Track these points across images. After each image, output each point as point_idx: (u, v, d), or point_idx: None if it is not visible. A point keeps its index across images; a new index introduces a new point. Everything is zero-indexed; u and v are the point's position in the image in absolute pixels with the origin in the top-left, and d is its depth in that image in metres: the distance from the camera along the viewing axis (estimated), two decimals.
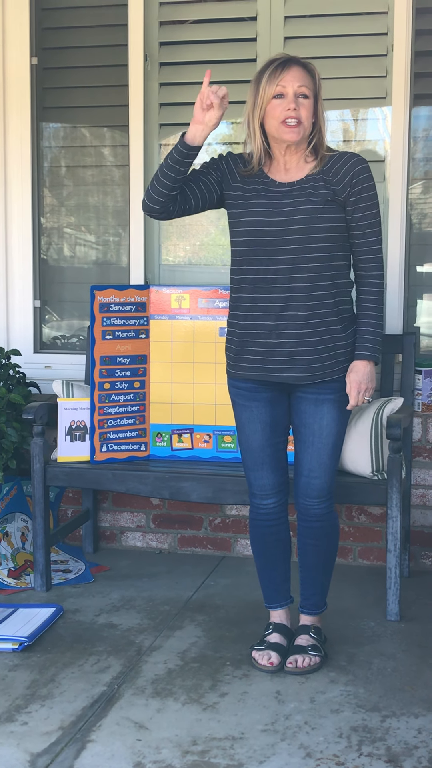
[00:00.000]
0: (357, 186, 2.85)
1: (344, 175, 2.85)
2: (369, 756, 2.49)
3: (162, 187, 2.86)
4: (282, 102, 2.80)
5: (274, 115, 2.81)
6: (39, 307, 4.36)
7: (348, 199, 2.86)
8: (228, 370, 3.04)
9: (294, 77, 2.79)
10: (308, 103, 2.81)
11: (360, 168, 2.86)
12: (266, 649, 3.03)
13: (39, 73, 4.27)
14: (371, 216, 2.89)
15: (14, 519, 3.98)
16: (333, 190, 2.85)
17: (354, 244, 2.92)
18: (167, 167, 2.84)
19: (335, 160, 2.88)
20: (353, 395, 2.90)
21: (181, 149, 2.81)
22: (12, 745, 2.56)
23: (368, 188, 2.88)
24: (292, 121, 2.79)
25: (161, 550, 4.23)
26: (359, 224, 2.89)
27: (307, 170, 2.89)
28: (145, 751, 2.52)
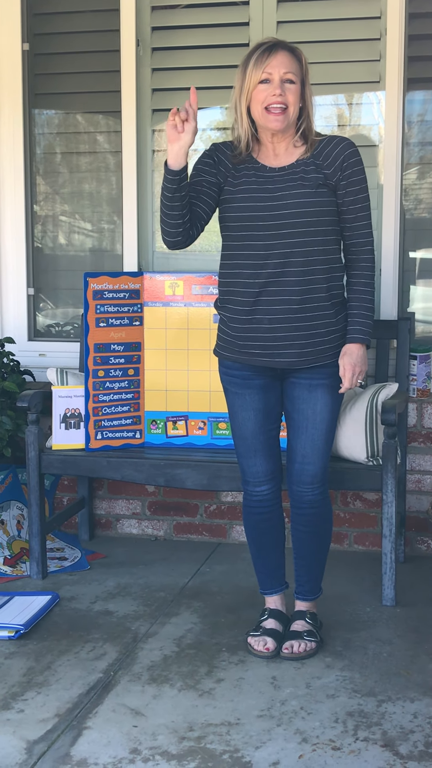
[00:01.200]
0: (348, 170, 2.85)
1: (335, 159, 2.84)
2: (365, 740, 2.50)
3: (173, 219, 2.85)
4: (268, 87, 2.78)
5: (260, 100, 2.79)
6: (33, 294, 4.34)
7: (339, 182, 2.85)
8: (218, 351, 3.02)
9: (280, 62, 2.77)
10: (294, 88, 2.80)
11: (350, 152, 2.86)
12: (262, 635, 3.03)
13: (31, 59, 4.24)
14: (362, 200, 2.89)
15: (10, 507, 3.98)
16: (324, 174, 2.84)
17: (345, 228, 2.91)
18: (168, 200, 2.82)
19: (325, 144, 2.87)
20: (348, 377, 2.90)
21: (170, 177, 2.79)
22: (8, 732, 2.56)
23: (358, 172, 2.87)
24: (276, 107, 2.77)
25: (157, 537, 4.23)
26: (350, 208, 2.88)
27: (297, 155, 2.88)
28: (142, 738, 2.53)
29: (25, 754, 2.46)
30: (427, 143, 4.01)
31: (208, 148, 2.97)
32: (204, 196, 2.91)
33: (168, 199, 2.82)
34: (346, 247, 2.95)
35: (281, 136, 2.85)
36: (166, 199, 2.83)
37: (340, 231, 2.92)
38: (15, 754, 2.46)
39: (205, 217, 2.94)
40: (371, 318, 2.94)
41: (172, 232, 2.88)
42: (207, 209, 2.93)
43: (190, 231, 2.90)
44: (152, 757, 2.44)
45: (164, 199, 2.83)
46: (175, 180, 2.79)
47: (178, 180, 2.79)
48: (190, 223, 2.88)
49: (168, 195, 2.81)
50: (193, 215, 2.89)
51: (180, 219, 2.85)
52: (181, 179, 2.79)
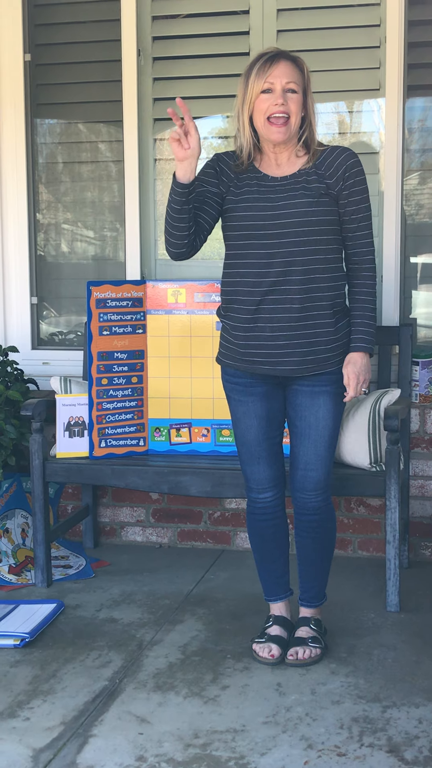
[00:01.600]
0: (350, 180, 2.86)
1: (336, 169, 2.85)
2: (370, 746, 2.51)
3: (180, 231, 2.86)
4: (270, 97, 2.80)
5: (262, 110, 2.81)
6: (36, 303, 4.36)
7: (341, 192, 2.86)
8: (220, 359, 3.04)
9: (282, 72, 2.79)
10: (296, 97, 2.81)
11: (352, 162, 2.87)
12: (267, 642, 3.04)
13: (32, 70, 4.27)
14: (364, 209, 2.90)
15: (14, 515, 3.99)
16: (326, 183, 2.85)
17: (347, 238, 2.92)
18: (176, 212, 2.83)
19: (327, 154, 2.88)
20: (352, 386, 2.91)
21: (178, 190, 2.80)
22: (14, 740, 2.57)
23: (360, 182, 2.89)
24: (278, 116, 2.78)
25: (161, 544, 4.24)
26: (352, 218, 2.89)
27: (299, 164, 2.89)
28: (147, 745, 2.53)
29: (32, 762, 2.47)
30: (427, 149, 4.03)
31: (210, 159, 2.98)
32: (207, 207, 2.93)
33: (176, 211, 2.83)
34: (347, 256, 2.96)
35: (283, 146, 2.87)
36: (173, 212, 2.84)
37: (342, 240, 2.93)
38: (21, 762, 2.46)
39: (208, 228, 2.96)
40: (374, 326, 2.95)
41: (177, 244, 2.90)
42: (209, 219, 2.95)
43: (195, 242, 2.92)
44: (158, 764, 2.44)
45: (171, 211, 2.85)
46: (185, 193, 2.80)
47: (187, 193, 2.80)
48: (195, 235, 2.91)
49: (176, 207, 2.83)
50: (197, 226, 2.91)
51: (186, 231, 2.87)
52: (190, 192, 2.80)
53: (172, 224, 2.87)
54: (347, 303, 2.99)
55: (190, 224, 2.86)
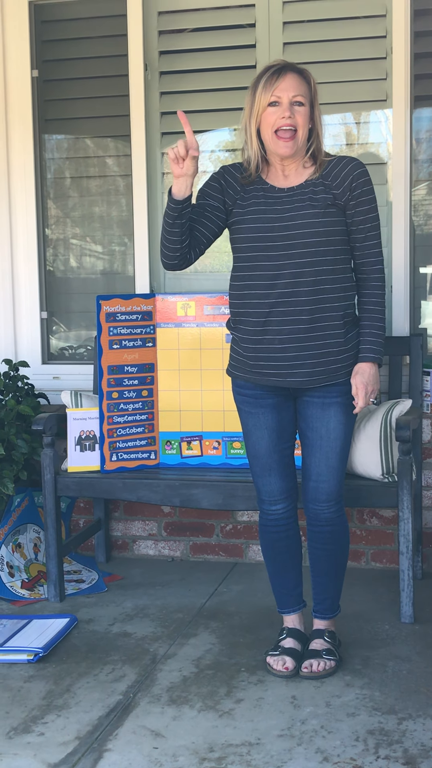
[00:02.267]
0: (357, 190, 2.86)
1: (343, 180, 2.86)
2: (386, 759, 2.49)
3: (172, 244, 2.90)
4: (277, 110, 2.81)
5: (269, 123, 2.81)
6: (46, 318, 4.37)
7: (348, 203, 2.87)
8: (230, 371, 3.04)
9: (289, 85, 2.80)
10: (303, 110, 2.82)
11: (359, 172, 2.87)
12: (281, 654, 3.03)
13: (40, 86, 4.29)
14: (371, 219, 2.90)
15: (26, 530, 3.99)
16: (333, 194, 2.86)
17: (355, 248, 2.93)
18: (169, 225, 2.87)
19: (334, 164, 2.89)
20: (361, 396, 2.90)
21: (173, 206, 2.84)
22: (29, 756, 2.56)
23: (368, 192, 2.89)
24: (286, 129, 2.79)
25: (173, 557, 4.23)
26: (360, 228, 2.89)
27: (306, 175, 2.90)
28: (162, 759, 2.52)
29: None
30: None
31: (216, 171, 2.99)
32: (206, 221, 2.94)
33: (169, 225, 2.86)
34: (356, 267, 2.96)
35: (291, 158, 2.87)
36: (167, 225, 2.88)
37: (350, 250, 2.93)
38: None
39: (205, 242, 2.97)
40: (383, 337, 2.95)
41: (169, 255, 2.94)
42: (208, 234, 2.96)
43: (188, 255, 2.95)
44: None
45: (165, 224, 2.88)
46: (178, 209, 2.83)
47: (180, 209, 2.83)
48: (188, 248, 2.93)
49: (169, 222, 2.86)
50: (193, 239, 2.93)
51: (179, 244, 2.90)
52: (183, 208, 2.83)
53: (166, 236, 2.90)
54: (357, 313, 2.99)
55: (183, 238, 2.88)
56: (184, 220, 2.86)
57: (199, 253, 2.98)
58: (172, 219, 2.85)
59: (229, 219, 2.96)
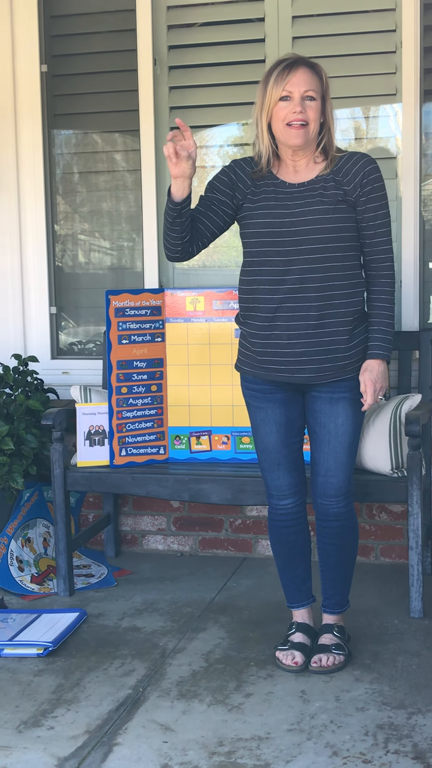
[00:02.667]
0: (367, 186, 2.85)
1: (354, 176, 2.85)
2: (396, 753, 2.49)
3: (173, 240, 2.91)
4: (288, 105, 2.80)
5: (280, 117, 2.81)
6: (55, 313, 4.37)
7: (359, 199, 2.86)
8: (239, 366, 3.04)
9: (300, 80, 2.79)
10: (315, 105, 2.81)
11: (370, 168, 2.86)
12: (290, 649, 3.03)
13: (49, 81, 4.29)
14: (382, 216, 2.90)
15: (36, 525, 4.00)
16: (344, 190, 2.85)
17: (365, 244, 2.92)
18: (169, 224, 2.88)
19: (345, 160, 2.88)
20: (369, 393, 2.90)
21: (172, 206, 2.85)
22: (39, 749, 2.57)
23: (378, 188, 2.88)
24: (297, 123, 2.78)
25: (182, 552, 4.24)
26: (370, 224, 2.89)
27: (317, 171, 2.89)
28: (172, 753, 2.53)
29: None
30: None
31: (227, 165, 2.99)
32: (211, 214, 2.94)
33: (169, 223, 2.88)
34: (366, 263, 2.95)
35: (302, 152, 2.86)
36: (167, 223, 2.89)
37: (360, 247, 2.92)
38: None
39: (209, 235, 2.97)
40: (391, 334, 2.94)
41: (171, 248, 2.96)
42: (213, 227, 2.96)
43: (189, 248, 2.95)
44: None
45: (166, 222, 2.90)
46: (176, 209, 2.84)
47: (179, 209, 2.84)
48: (190, 242, 2.94)
49: (169, 220, 2.88)
50: (196, 233, 2.93)
51: (180, 240, 2.91)
52: (182, 208, 2.84)
53: (167, 232, 2.92)
54: (365, 309, 2.98)
55: (184, 234, 2.89)
56: (184, 219, 2.86)
57: (202, 246, 2.98)
58: (171, 218, 2.86)
59: (238, 213, 2.95)
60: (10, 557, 3.82)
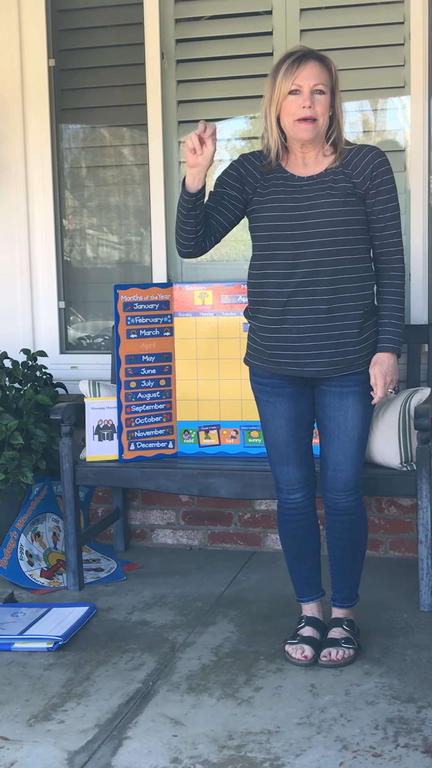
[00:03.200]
0: (377, 179, 2.84)
1: (364, 168, 2.84)
2: (406, 747, 2.49)
3: (187, 233, 2.89)
4: (297, 98, 2.79)
5: (290, 111, 2.80)
6: (63, 308, 4.38)
7: (368, 192, 2.85)
8: (248, 360, 3.03)
9: (310, 74, 2.77)
10: (324, 98, 2.80)
11: (380, 161, 2.85)
12: (299, 643, 3.03)
13: (57, 75, 4.29)
14: (391, 209, 2.88)
15: (45, 519, 4.01)
16: (353, 183, 2.84)
17: (374, 237, 2.91)
18: (183, 216, 2.86)
19: (354, 153, 2.87)
20: (380, 386, 2.89)
21: (186, 197, 2.82)
22: (49, 743, 2.58)
23: (388, 181, 2.87)
24: (306, 118, 2.77)
25: (192, 546, 4.24)
26: (380, 217, 2.87)
27: (326, 164, 2.88)
28: (182, 747, 2.53)
29: (67, 764, 2.47)
30: None
31: (236, 160, 2.98)
32: (223, 209, 2.93)
33: (183, 216, 2.86)
34: (375, 256, 2.94)
35: (311, 145, 2.86)
36: (181, 215, 2.87)
37: (370, 240, 2.91)
38: (57, 765, 2.47)
39: (221, 230, 2.96)
40: (401, 327, 2.93)
41: (184, 244, 2.93)
42: (224, 222, 2.95)
43: (202, 244, 2.94)
44: (193, 766, 2.44)
45: (180, 215, 2.87)
46: (191, 200, 2.82)
47: (194, 200, 2.82)
48: (203, 237, 2.92)
49: (183, 212, 2.85)
50: (208, 228, 2.92)
51: (193, 234, 2.89)
52: (197, 199, 2.82)
53: (180, 226, 2.90)
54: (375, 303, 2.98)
55: (198, 228, 2.88)
56: (199, 211, 2.85)
57: (214, 241, 2.97)
58: (186, 210, 2.84)
59: (248, 207, 2.95)
60: (20, 552, 3.83)
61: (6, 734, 2.64)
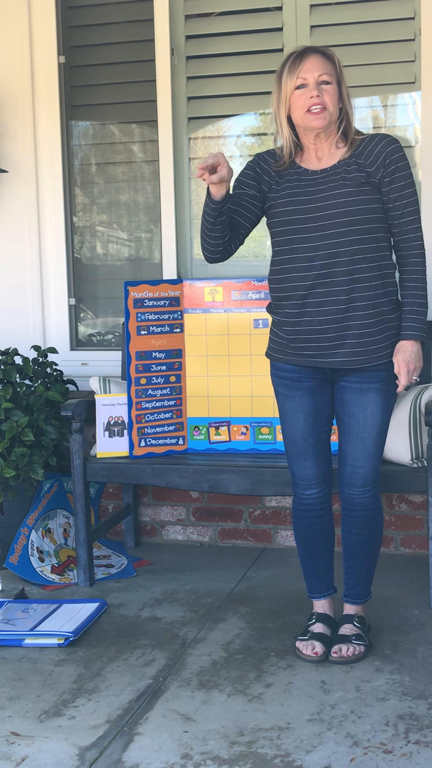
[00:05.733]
0: (391, 166, 2.83)
1: (377, 157, 2.83)
2: (417, 743, 2.49)
3: (215, 240, 2.90)
4: (304, 92, 2.79)
5: (299, 105, 2.80)
6: (74, 305, 4.38)
7: (383, 180, 2.84)
8: (269, 353, 3.03)
9: (313, 66, 2.78)
10: (331, 88, 2.80)
11: (392, 148, 2.84)
12: (310, 639, 3.03)
13: (67, 72, 4.29)
14: (408, 195, 2.87)
15: (56, 515, 4.01)
16: (366, 172, 2.83)
17: (393, 225, 2.89)
18: (210, 224, 2.86)
19: (366, 142, 2.86)
20: (403, 374, 2.87)
21: (212, 205, 2.82)
22: (60, 739, 2.58)
23: (402, 167, 2.85)
24: (316, 108, 2.78)
25: (202, 543, 4.24)
26: (396, 204, 2.86)
27: (338, 156, 2.88)
28: (192, 743, 2.54)
29: (78, 760, 2.48)
30: None
31: (251, 160, 2.98)
32: (243, 210, 2.93)
33: (210, 223, 2.85)
34: (395, 244, 2.92)
35: (323, 137, 2.85)
36: (207, 224, 2.86)
37: (389, 228, 2.90)
38: (67, 761, 2.48)
39: (244, 232, 2.97)
40: (425, 314, 2.90)
41: (212, 250, 2.94)
42: (246, 223, 2.95)
43: (229, 247, 2.95)
44: (204, 762, 2.44)
45: (206, 222, 2.87)
46: (218, 208, 2.81)
47: (219, 208, 2.81)
48: (229, 242, 2.93)
49: (210, 220, 2.85)
50: (232, 230, 2.92)
51: (221, 240, 2.89)
52: (222, 206, 2.81)
53: (207, 233, 2.89)
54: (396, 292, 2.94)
55: (224, 233, 2.88)
56: (224, 217, 2.85)
57: (239, 243, 2.97)
58: (213, 218, 2.84)
59: (265, 205, 2.95)
60: (31, 548, 3.84)
61: (17, 730, 2.64)
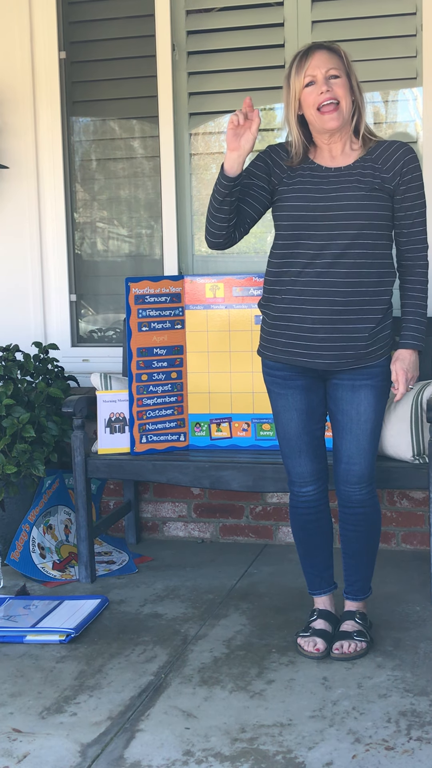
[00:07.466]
0: (407, 175, 2.83)
1: (394, 164, 2.82)
2: (418, 740, 2.49)
3: (220, 222, 2.88)
4: (314, 88, 2.77)
5: (309, 103, 2.78)
6: (75, 301, 4.38)
7: (398, 188, 2.83)
8: (261, 351, 3.02)
9: (319, 61, 2.77)
10: (341, 81, 2.78)
11: (410, 157, 2.84)
12: (311, 636, 3.03)
13: (68, 67, 4.28)
14: (420, 206, 2.87)
15: (57, 512, 4.01)
16: (382, 178, 2.82)
17: (401, 234, 2.89)
18: (218, 203, 2.84)
19: (384, 148, 2.85)
20: (401, 383, 2.88)
21: (224, 182, 2.80)
22: (62, 735, 2.58)
23: (417, 177, 2.86)
24: (328, 103, 2.75)
25: (203, 539, 4.24)
26: (408, 213, 2.86)
27: (354, 156, 2.86)
28: (194, 740, 2.54)
29: (79, 757, 2.48)
30: None
31: (262, 151, 2.96)
32: (251, 200, 2.92)
33: (218, 202, 2.84)
34: (400, 253, 2.92)
35: (338, 135, 2.84)
36: (215, 202, 2.85)
37: (394, 236, 2.90)
38: (69, 757, 2.48)
39: (249, 221, 2.95)
40: (425, 324, 2.92)
41: (215, 233, 2.91)
42: (252, 213, 2.94)
43: (233, 234, 2.92)
44: (205, 758, 2.44)
45: (214, 201, 2.85)
46: (229, 186, 2.80)
47: (231, 186, 2.80)
48: (235, 227, 2.91)
49: (219, 198, 2.83)
50: (239, 216, 2.90)
51: (226, 222, 2.87)
52: (234, 185, 2.80)
53: (214, 214, 2.87)
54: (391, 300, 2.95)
55: (231, 216, 2.86)
56: (233, 198, 2.83)
57: (243, 232, 2.96)
58: (222, 196, 2.82)
59: (273, 197, 2.93)
60: (32, 544, 3.84)
61: (19, 726, 2.64)
